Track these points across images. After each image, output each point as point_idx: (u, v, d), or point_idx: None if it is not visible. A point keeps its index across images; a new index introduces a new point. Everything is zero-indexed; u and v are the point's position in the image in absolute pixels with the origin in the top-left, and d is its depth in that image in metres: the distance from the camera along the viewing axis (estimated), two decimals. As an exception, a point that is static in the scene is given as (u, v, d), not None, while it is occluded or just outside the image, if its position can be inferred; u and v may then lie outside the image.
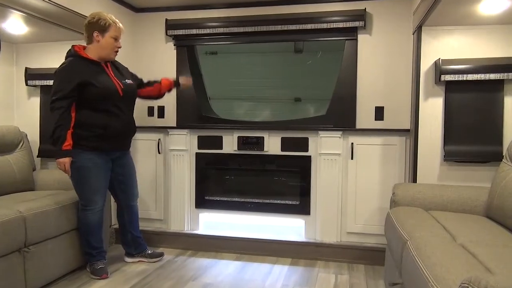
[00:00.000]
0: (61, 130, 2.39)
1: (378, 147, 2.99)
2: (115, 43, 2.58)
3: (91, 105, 2.49)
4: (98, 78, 2.50)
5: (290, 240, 3.10)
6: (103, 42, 2.54)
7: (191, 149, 3.34)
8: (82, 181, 2.54)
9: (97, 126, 2.50)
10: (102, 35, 2.53)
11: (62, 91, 2.40)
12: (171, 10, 3.58)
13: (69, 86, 2.40)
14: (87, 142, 2.48)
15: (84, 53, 2.54)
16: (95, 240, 2.67)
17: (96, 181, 2.57)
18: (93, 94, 2.46)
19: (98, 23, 2.51)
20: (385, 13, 3.19)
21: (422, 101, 2.74)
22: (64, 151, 2.41)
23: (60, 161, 2.43)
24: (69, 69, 2.46)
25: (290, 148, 3.16)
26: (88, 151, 2.49)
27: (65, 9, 2.81)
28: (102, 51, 2.55)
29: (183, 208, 3.33)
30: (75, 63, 2.49)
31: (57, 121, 2.39)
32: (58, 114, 2.39)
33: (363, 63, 3.25)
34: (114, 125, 2.54)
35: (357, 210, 3.04)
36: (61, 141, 2.40)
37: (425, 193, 2.48)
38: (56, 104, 2.40)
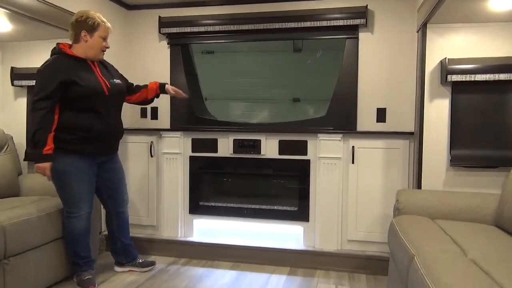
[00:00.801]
0: (42, 133, 2.25)
1: (380, 150, 2.85)
2: (104, 43, 2.45)
3: (75, 106, 2.34)
4: (83, 76, 2.36)
5: (288, 248, 2.96)
6: (91, 42, 2.40)
7: (185, 152, 3.20)
8: (64, 187, 2.40)
9: (80, 128, 2.35)
10: (90, 34, 2.40)
11: (45, 91, 2.26)
12: (165, 7, 3.44)
13: (52, 85, 2.26)
14: (69, 145, 2.34)
15: (70, 51, 2.40)
16: (82, 249, 2.52)
17: (79, 186, 2.43)
18: (76, 94, 2.32)
19: (86, 22, 2.38)
20: (387, 10, 3.05)
21: (427, 102, 2.60)
22: (44, 155, 2.26)
23: (39, 166, 2.28)
24: (52, 67, 2.32)
25: (288, 152, 3.02)
26: (70, 155, 2.35)
27: (53, 6, 2.67)
28: (89, 51, 2.42)
29: (176, 214, 3.19)
30: (59, 60, 2.35)
31: (39, 123, 2.24)
32: (39, 116, 2.25)
33: (365, 63, 3.11)
34: (99, 127, 2.40)
35: (358, 216, 2.90)
36: (41, 145, 2.25)
37: (431, 200, 2.34)
38: (38, 105, 2.26)
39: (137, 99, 2.78)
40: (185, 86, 3.43)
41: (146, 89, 2.79)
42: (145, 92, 2.78)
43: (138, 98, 2.78)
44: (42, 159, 2.27)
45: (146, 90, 2.79)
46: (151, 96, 2.80)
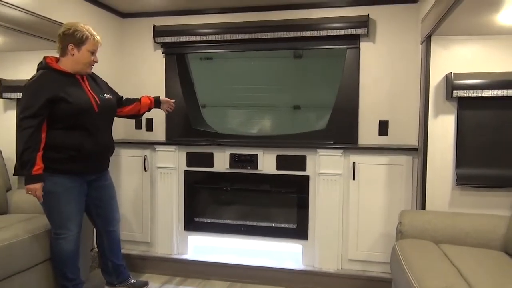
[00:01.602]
0: (30, 152, 2.13)
1: (382, 167, 2.73)
2: (92, 57, 2.33)
3: (63, 123, 2.23)
4: (71, 92, 2.24)
5: (286, 268, 2.85)
6: (78, 56, 2.28)
7: (180, 167, 3.08)
8: (52, 208, 2.29)
9: (69, 147, 2.24)
10: (78, 48, 2.28)
11: (31, 109, 2.14)
12: (160, 16, 3.34)
13: (38, 102, 2.14)
14: (57, 164, 2.23)
15: (57, 65, 2.29)
16: (70, 271, 2.42)
17: (68, 207, 2.31)
18: (64, 111, 2.21)
19: (74, 35, 2.26)
20: (390, 20, 2.94)
21: (431, 118, 2.47)
22: (34, 176, 2.15)
23: (30, 188, 2.17)
24: (38, 84, 2.20)
25: (287, 167, 2.90)
26: (58, 175, 2.24)
27: (44, 18, 2.57)
28: (76, 65, 2.30)
29: (170, 230, 3.08)
30: (46, 76, 2.23)
31: (26, 142, 2.13)
32: (27, 135, 2.13)
33: (366, 73, 3.01)
34: (88, 146, 2.29)
35: (359, 235, 2.78)
36: (30, 165, 2.14)
37: (436, 223, 2.22)
38: (25, 123, 2.14)
39: (129, 112, 2.67)
40: (181, 96, 3.33)
41: (139, 103, 2.68)
42: (138, 105, 2.67)
43: (130, 111, 2.67)
44: (32, 180, 2.15)
45: (139, 104, 2.68)
46: (143, 110, 2.70)
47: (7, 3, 2.32)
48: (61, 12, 2.71)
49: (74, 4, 2.88)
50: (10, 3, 2.35)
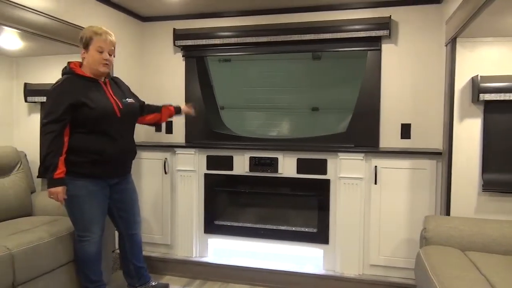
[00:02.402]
0: (53, 157, 2.16)
1: (405, 171, 2.68)
2: (101, 56, 2.30)
3: (85, 128, 2.26)
4: (93, 98, 2.26)
5: (306, 272, 2.83)
6: (88, 58, 2.30)
7: (200, 170, 3.09)
8: (75, 211, 2.32)
9: (91, 151, 2.26)
10: (86, 51, 2.30)
11: (54, 114, 2.17)
12: (179, 19, 3.36)
13: (61, 107, 2.17)
14: (80, 168, 2.25)
15: (80, 70, 2.31)
16: (93, 273, 2.45)
17: (91, 210, 2.34)
18: (87, 116, 2.23)
19: (81, 41, 2.31)
20: (412, 21, 2.89)
21: (456, 121, 2.42)
22: (56, 179, 2.18)
23: (52, 191, 2.20)
24: (61, 89, 2.23)
25: (307, 171, 2.87)
26: (81, 178, 2.26)
27: (66, 23, 2.60)
28: (90, 68, 2.31)
29: (190, 233, 3.09)
30: (69, 81, 2.26)
31: (49, 147, 2.16)
32: (49, 139, 2.16)
33: (388, 76, 2.96)
34: (110, 151, 2.30)
35: (381, 240, 2.74)
36: (52, 169, 2.17)
37: (462, 230, 2.17)
38: (48, 128, 2.17)
39: (150, 121, 2.70)
40: (201, 98, 3.34)
41: (160, 112, 2.71)
42: (158, 116, 2.70)
43: (151, 120, 2.70)
44: (53, 183, 2.18)
45: (160, 114, 2.71)
46: (164, 119, 2.74)
47: (31, 9, 2.36)
48: (82, 16, 2.74)
49: (95, 8, 2.91)
50: (34, 9, 2.39)
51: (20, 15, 2.30)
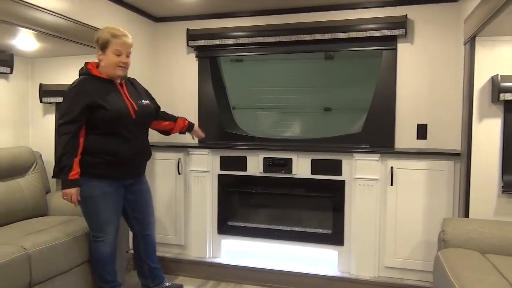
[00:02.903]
0: (68, 158, 2.17)
1: (422, 172, 2.64)
2: (119, 59, 2.30)
3: (101, 129, 2.26)
4: (109, 99, 2.26)
5: (321, 274, 2.80)
6: (105, 60, 2.29)
7: (213, 170, 3.08)
8: (90, 212, 2.33)
9: (106, 152, 2.26)
10: (104, 53, 2.29)
11: (70, 115, 2.18)
12: (192, 19, 3.35)
13: (77, 108, 2.17)
14: (95, 169, 2.26)
15: (97, 71, 2.32)
16: (108, 274, 2.46)
17: (106, 211, 2.35)
18: (102, 118, 2.23)
19: (97, 42, 2.29)
20: (429, 19, 2.84)
21: (476, 122, 2.37)
22: (70, 181, 2.18)
23: (66, 192, 2.20)
24: (78, 90, 2.23)
25: (322, 171, 2.85)
26: (95, 179, 2.27)
27: (80, 23, 2.62)
28: (107, 69, 2.31)
29: (204, 234, 3.08)
30: (85, 82, 2.27)
31: (64, 148, 2.16)
32: (65, 140, 2.16)
33: (403, 75, 2.93)
34: (125, 152, 2.30)
35: (397, 242, 2.70)
36: (67, 170, 2.17)
37: (482, 232, 2.13)
38: (63, 129, 2.18)
39: (163, 127, 2.71)
40: (213, 99, 3.34)
41: (174, 123, 2.72)
42: (172, 125, 2.71)
43: (165, 127, 2.71)
44: (68, 184, 2.19)
45: (174, 124, 2.72)
46: (176, 130, 2.75)
47: (46, 10, 2.37)
48: (96, 17, 2.75)
49: (108, 9, 2.92)
50: (49, 10, 2.40)
51: (35, 16, 2.32)
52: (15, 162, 2.70)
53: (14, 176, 2.69)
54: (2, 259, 1.93)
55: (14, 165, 2.69)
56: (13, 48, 2.81)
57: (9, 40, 2.59)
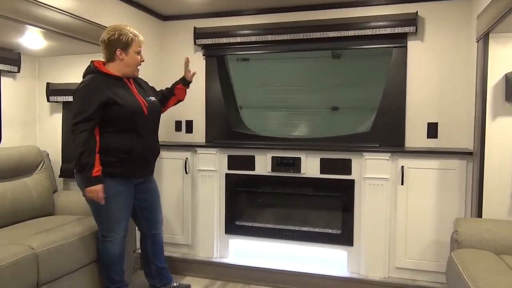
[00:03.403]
0: (88, 155, 2.14)
1: (433, 171, 2.59)
2: (139, 58, 2.34)
3: (114, 127, 2.24)
4: (122, 96, 2.25)
5: (330, 275, 2.76)
6: (127, 59, 2.29)
7: (221, 170, 3.05)
8: (101, 211, 2.30)
9: (120, 150, 2.24)
10: (125, 52, 2.27)
11: (85, 113, 2.15)
12: (200, 18, 3.33)
13: (92, 106, 2.15)
14: (109, 168, 2.22)
15: (106, 69, 2.29)
16: (116, 274, 2.44)
17: (117, 210, 2.33)
18: (117, 114, 2.21)
19: (119, 39, 2.25)
20: (440, 16, 2.80)
21: (489, 120, 2.33)
22: (94, 177, 2.15)
23: (91, 189, 2.16)
24: (91, 87, 2.21)
25: (331, 171, 2.81)
26: (109, 178, 2.24)
27: (89, 22, 2.60)
28: (126, 68, 2.30)
29: (211, 234, 3.06)
30: (97, 80, 2.24)
31: (83, 146, 2.13)
32: (82, 139, 2.13)
33: (414, 73, 2.89)
34: (138, 149, 2.29)
35: (408, 242, 2.66)
36: (89, 167, 2.14)
37: (496, 232, 2.09)
38: (79, 127, 2.14)
39: (172, 104, 2.71)
40: (221, 98, 3.32)
41: (175, 96, 2.69)
42: (176, 97, 2.70)
43: (173, 103, 2.71)
44: (92, 182, 2.16)
45: (176, 96, 2.70)
46: (182, 96, 2.72)
47: (54, 8, 2.36)
48: (104, 15, 2.73)
49: (116, 7, 2.90)
50: (57, 8, 2.38)
51: (44, 14, 2.30)
52: (23, 161, 2.69)
53: (22, 175, 2.68)
54: (10, 258, 1.91)
55: (22, 164, 2.68)
56: (21, 47, 2.80)
57: (17, 38, 2.58)
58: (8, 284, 1.88)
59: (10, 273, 1.89)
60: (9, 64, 2.84)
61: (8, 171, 2.59)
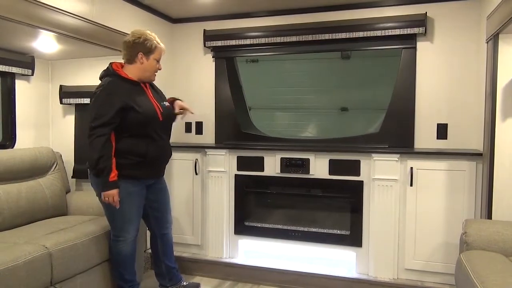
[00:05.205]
0: (105, 160, 2.18)
1: (442, 172, 2.59)
2: (157, 65, 2.39)
3: (130, 131, 2.28)
4: (139, 101, 2.29)
5: (339, 276, 2.77)
6: (147, 64, 2.33)
7: (230, 171, 3.08)
8: (115, 212, 2.34)
9: (135, 154, 2.29)
10: (146, 57, 2.32)
11: (104, 117, 2.18)
12: (209, 20, 3.36)
13: (111, 111, 2.19)
14: (122, 170, 2.26)
15: (124, 73, 2.33)
16: (128, 273, 2.48)
17: (130, 211, 2.37)
18: (133, 120, 2.26)
19: (144, 44, 2.30)
20: (449, 17, 2.79)
21: (499, 121, 2.31)
22: (111, 182, 2.20)
23: (108, 194, 2.21)
24: (110, 92, 2.25)
25: (340, 172, 2.82)
26: (122, 180, 2.28)
27: (99, 25, 2.64)
28: (144, 73, 2.35)
29: (221, 234, 3.09)
30: (115, 84, 2.28)
31: (101, 151, 2.17)
32: (100, 143, 2.17)
33: (423, 74, 2.88)
34: (153, 153, 2.34)
35: (417, 244, 2.66)
36: (107, 172, 2.18)
37: (505, 234, 2.07)
38: (98, 132, 2.18)
39: None
40: (230, 99, 3.34)
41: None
42: None
43: None
44: (109, 186, 2.20)
45: None
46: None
47: (67, 12, 2.40)
48: (115, 19, 2.78)
49: (127, 11, 2.94)
50: (70, 12, 2.43)
51: (56, 18, 2.35)
52: (36, 162, 2.75)
53: (35, 176, 2.74)
54: (25, 257, 1.96)
55: (35, 165, 2.74)
56: (34, 51, 2.86)
57: (31, 42, 2.64)
58: (23, 282, 1.93)
59: (25, 272, 1.93)
60: (23, 67, 2.90)
61: (22, 172, 2.65)
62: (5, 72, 2.81)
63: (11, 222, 2.47)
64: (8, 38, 2.54)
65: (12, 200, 2.50)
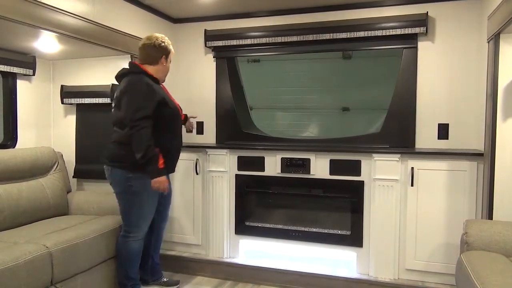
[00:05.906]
0: (153, 149, 2.26)
1: (443, 172, 2.58)
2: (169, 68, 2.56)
3: (158, 126, 2.33)
4: (167, 98, 2.43)
5: (339, 276, 2.77)
6: (166, 66, 2.50)
7: (231, 170, 3.08)
8: (133, 208, 2.41)
9: (162, 148, 2.34)
10: (167, 59, 2.49)
11: (145, 110, 2.26)
12: (210, 20, 3.36)
13: (151, 104, 2.29)
14: None
15: (150, 71, 2.41)
16: (133, 271, 2.53)
17: (148, 206, 2.45)
18: (166, 115, 2.38)
19: (167, 48, 2.47)
20: (451, 17, 2.79)
21: (500, 121, 2.31)
22: (161, 169, 2.29)
23: (158, 180, 2.28)
24: (147, 86, 2.32)
25: (340, 172, 2.81)
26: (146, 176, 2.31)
27: (100, 25, 2.64)
28: (163, 74, 2.50)
29: (222, 234, 3.08)
30: (148, 80, 2.36)
31: (148, 141, 2.24)
32: (146, 133, 2.24)
33: (424, 74, 2.88)
34: (174, 148, 2.50)
35: (418, 244, 2.65)
36: (155, 160, 2.27)
37: (506, 234, 2.07)
38: (142, 123, 2.24)
39: None
40: (231, 99, 3.35)
41: None
42: None
43: None
44: (159, 173, 2.28)
45: None
46: None
47: (68, 12, 2.41)
48: (116, 19, 2.78)
49: (128, 11, 2.94)
50: (71, 12, 2.43)
51: (58, 18, 2.35)
52: (37, 162, 2.76)
53: (37, 176, 2.75)
54: (25, 257, 1.97)
55: (37, 165, 2.75)
56: (36, 51, 2.87)
57: (32, 42, 2.65)
58: (24, 281, 1.93)
59: (25, 271, 1.94)
60: (24, 67, 2.91)
61: (23, 172, 2.66)
62: (6, 72, 2.82)
63: (12, 222, 2.48)
64: (9, 38, 2.56)
65: (13, 199, 2.51)
